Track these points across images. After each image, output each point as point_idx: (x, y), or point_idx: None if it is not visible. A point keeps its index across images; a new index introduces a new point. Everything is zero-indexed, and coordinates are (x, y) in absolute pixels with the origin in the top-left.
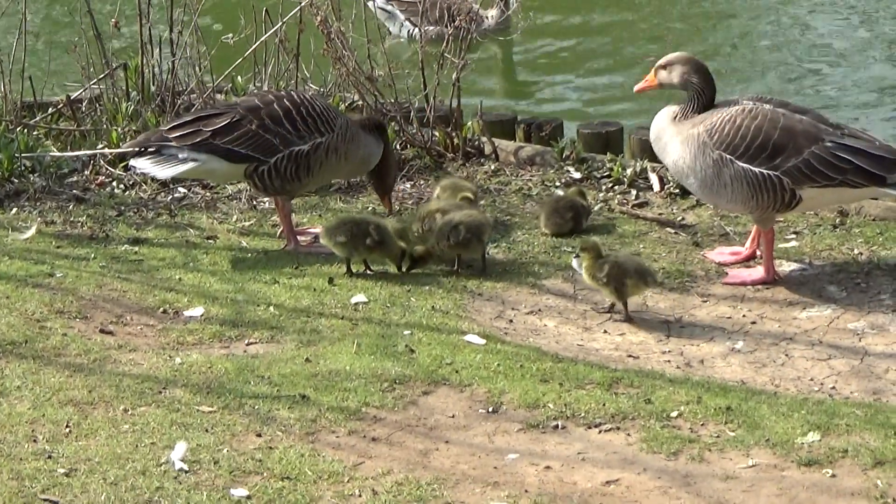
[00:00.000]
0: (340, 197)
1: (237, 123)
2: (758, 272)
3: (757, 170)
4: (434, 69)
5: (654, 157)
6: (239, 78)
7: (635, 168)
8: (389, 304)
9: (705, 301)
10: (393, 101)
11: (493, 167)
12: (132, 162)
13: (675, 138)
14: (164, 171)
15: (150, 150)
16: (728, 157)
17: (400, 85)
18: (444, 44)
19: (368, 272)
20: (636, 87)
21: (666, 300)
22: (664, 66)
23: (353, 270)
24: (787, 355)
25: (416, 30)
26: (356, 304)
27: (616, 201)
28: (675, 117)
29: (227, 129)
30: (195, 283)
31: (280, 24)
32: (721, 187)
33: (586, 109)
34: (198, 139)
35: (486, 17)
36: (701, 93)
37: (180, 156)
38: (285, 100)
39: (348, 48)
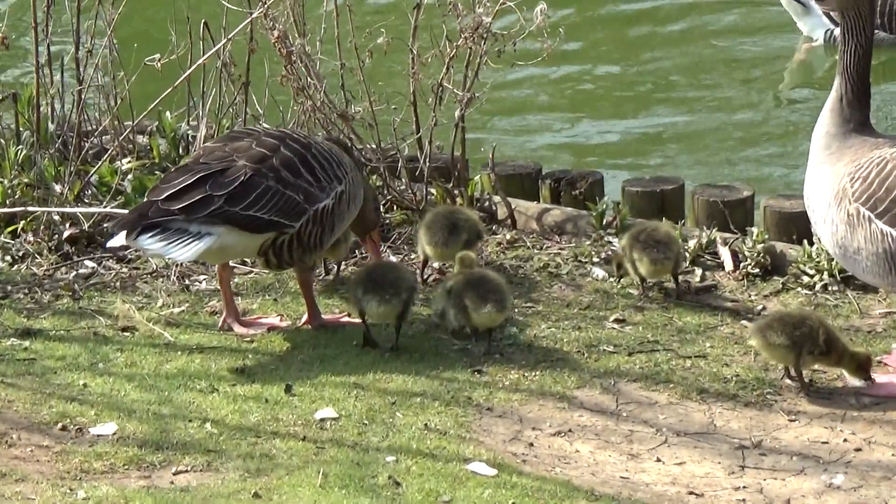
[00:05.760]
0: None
1: (251, 181)
2: None
3: None
4: (429, 104)
5: (724, 226)
6: (168, 114)
7: (700, 240)
8: (367, 421)
9: (793, 420)
10: (375, 146)
11: (508, 236)
12: (139, 242)
13: (826, 165)
14: (183, 253)
15: (152, 226)
16: (866, 212)
17: (384, 125)
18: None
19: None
20: None
21: (741, 418)
22: None
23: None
24: None
25: (838, 31)
26: (322, 419)
27: (674, 283)
28: (841, 112)
29: (243, 191)
30: (105, 391)
31: (224, 40)
32: (854, 252)
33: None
34: (210, 208)
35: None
36: (860, 29)
37: (191, 230)
38: (289, 140)
39: (315, 74)
